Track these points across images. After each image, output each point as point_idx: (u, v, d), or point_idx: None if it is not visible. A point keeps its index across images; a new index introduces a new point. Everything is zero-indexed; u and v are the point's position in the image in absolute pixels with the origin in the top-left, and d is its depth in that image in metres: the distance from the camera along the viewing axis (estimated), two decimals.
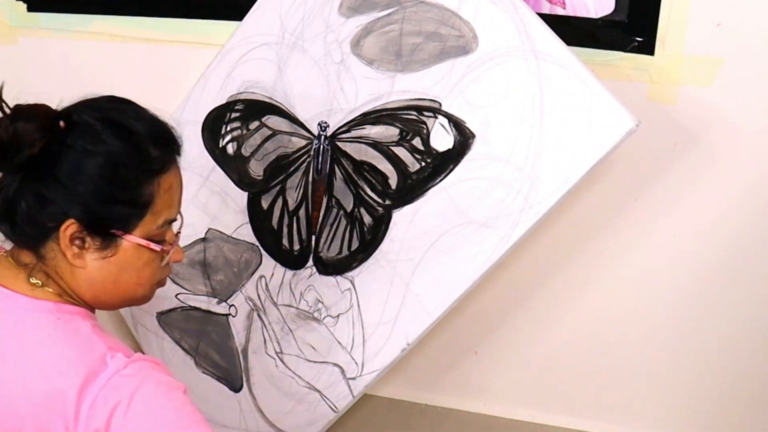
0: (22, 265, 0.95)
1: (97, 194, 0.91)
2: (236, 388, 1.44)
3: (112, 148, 0.91)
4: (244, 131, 1.43)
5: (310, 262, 1.37)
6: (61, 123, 0.92)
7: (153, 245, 0.95)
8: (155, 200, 0.94)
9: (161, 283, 1.03)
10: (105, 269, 0.94)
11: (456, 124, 1.24)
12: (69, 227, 0.90)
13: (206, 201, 1.47)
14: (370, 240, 1.31)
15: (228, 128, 1.45)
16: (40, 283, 0.94)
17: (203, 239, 1.48)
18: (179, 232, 1.01)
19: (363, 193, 1.32)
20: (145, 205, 0.93)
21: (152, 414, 0.87)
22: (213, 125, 1.46)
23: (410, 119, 1.27)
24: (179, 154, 0.98)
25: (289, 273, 1.39)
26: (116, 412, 0.85)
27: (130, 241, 0.93)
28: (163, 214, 0.95)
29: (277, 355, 1.39)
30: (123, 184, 0.92)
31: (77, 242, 0.92)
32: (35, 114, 0.91)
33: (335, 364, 1.32)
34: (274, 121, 1.39)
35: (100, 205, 0.91)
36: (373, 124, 1.31)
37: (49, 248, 0.93)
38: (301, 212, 1.38)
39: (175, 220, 0.98)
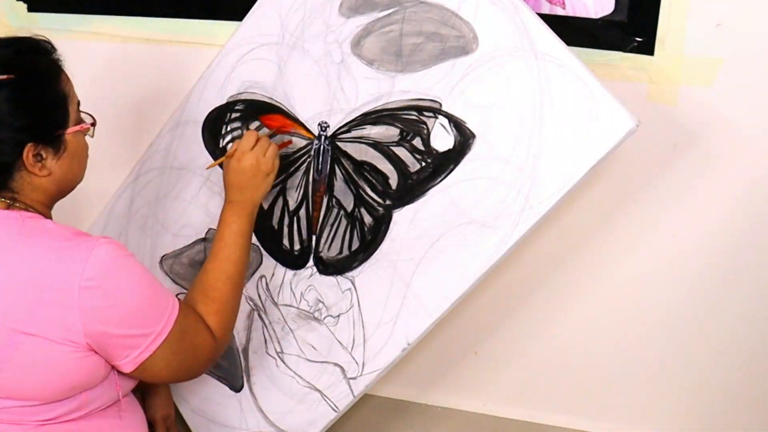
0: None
1: (35, 116, 1.08)
2: (237, 388, 1.44)
3: (25, 76, 1.08)
4: (245, 131, 1.43)
5: (311, 262, 1.37)
6: None
7: (84, 125, 1.16)
8: (67, 92, 1.13)
9: None
10: (64, 164, 1.12)
11: (456, 124, 1.24)
12: (29, 152, 1.07)
13: (206, 201, 1.47)
14: (370, 240, 1.31)
15: (228, 128, 1.45)
16: (8, 205, 1.10)
17: (203, 239, 1.48)
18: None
19: (363, 193, 1.32)
20: (65, 100, 1.12)
21: (125, 276, 1.06)
22: (213, 125, 1.46)
23: (411, 119, 1.27)
24: (57, 53, 1.15)
25: (290, 273, 1.39)
26: (93, 287, 1.03)
27: (70, 132, 1.13)
28: (74, 99, 1.15)
29: (278, 355, 1.39)
30: (46, 95, 1.10)
31: (37, 158, 1.09)
32: None
33: (336, 364, 1.32)
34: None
35: (41, 122, 1.09)
36: (374, 124, 1.31)
37: (13, 177, 1.09)
38: (302, 212, 1.38)
39: (79, 102, 1.17)
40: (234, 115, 1.44)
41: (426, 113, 1.26)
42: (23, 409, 1.06)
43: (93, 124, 1.19)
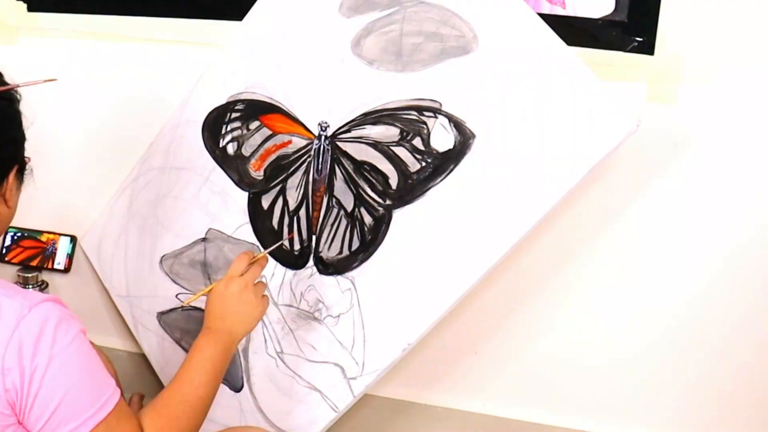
0: None
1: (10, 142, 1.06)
2: (237, 388, 1.44)
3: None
4: (245, 131, 1.43)
5: (311, 262, 1.37)
6: None
7: (27, 158, 1.10)
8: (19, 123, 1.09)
9: None
10: (13, 200, 1.09)
11: (456, 124, 1.24)
12: (12, 174, 1.05)
13: (206, 201, 1.47)
14: (370, 240, 1.31)
15: (228, 128, 1.45)
16: None
17: (203, 239, 1.48)
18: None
19: (363, 193, 1.32)
20: (21, 130, 1.08)
21: (55, 351, 0.96)
22: (213, 125, 1.46)
23: (410, 119, 1.27)
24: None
25: (290, 273, 1.39)
26: (23, 355, 0.94)
27: (26, 162, 1.09)
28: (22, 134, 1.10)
29: (278, 355, 1.39)
30: (14, 123, 1.07)
31: (13, 184, 1.06)
32: None
33: (336, 364, 1.32)
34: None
35: (15, 149, 1.07)
36: (374, 124, 1.31)
37: None
38: (302, 212, 1.38)
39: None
40: (234, 115, 1.44)
41: (426, 113, 1.26)
42: None
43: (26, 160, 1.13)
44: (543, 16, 1.21)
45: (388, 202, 1.30)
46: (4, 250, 1.69)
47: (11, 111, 1.07)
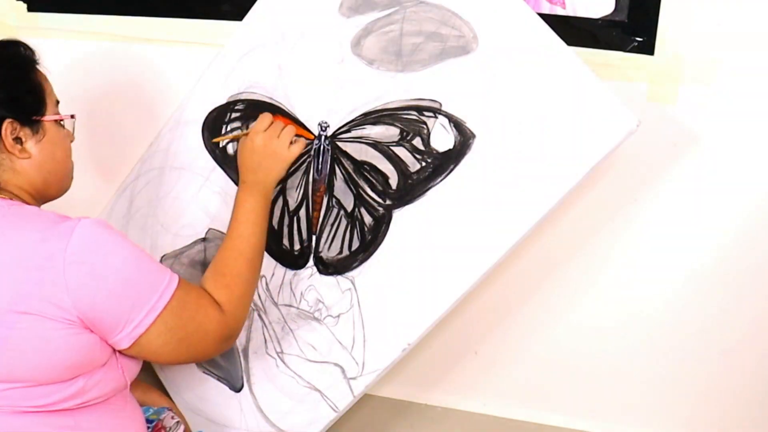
0: None
1: (11, 96, 1.13)
2: (237, 388, 1.44)
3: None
4: (244, 131, 1.43)
5: (311, 262, 1.37)
6: None
7: (65, 118, 1.21)
8: (44, 86, 1.18)
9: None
10: (45, 149, 1.16)
11: (456, 124, 1.24)
12: (7, 127, 1.11)
13: (206, 201, 1.47)
14: (370, 240, 1.31)
15: (228, 128, 1.45)
16: None
17: (203, 239, 1.48)
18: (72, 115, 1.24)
19: (363, 193, 1.32)
20: (41, 90, 1.17)
21: (109, 254, 1.06)
22: (213, 125, 1.46)
23: (410, 119, 1.27)
24: (34, 54, 1.21)
25: (290, 273, 1.39)
26: (78, 263, 1.04)
27: (49, 120, 1.17)
28: (52, 96, 1.20)
29: (278, 355, 1.39)
30: (22, 81, 1.16)
31: (17, 140, 1.13)
32: None
33: (336, 364, 1.32)
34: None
35: (16, 103, 1.13)
36: (374, 124, 1.31)
37: None
38: (302, 212, 1.38)
39: (59, 102, 1.22)
40: (234, 115, 1.44)
41: (426, 113, 1.26)
42: (16, 392, 1.05)
43: (72, 116, 1.23)
44: (543, 16, 1.21)
45: (388, 202, 1.30)
46: None
47: (15, 59, 1.17)
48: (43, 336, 1.04)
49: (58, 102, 1.22)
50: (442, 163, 1.25)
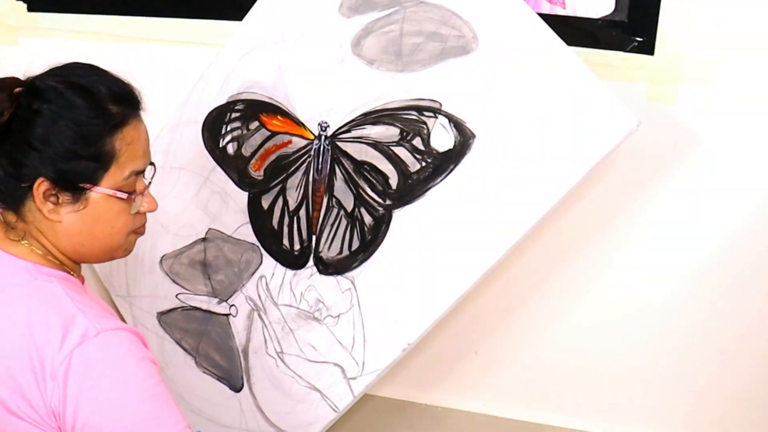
0: (7, 224, 1.03)
1: (64, 153, 0.97)
2: (237, 388, 1.44)
3: (75, 108, 0.98)
4: (245, 131, 1.43)
5: (311, 262, 1.37)
6: (17, 89, 0.98)
7: (120, 194, 1.01)
8: (118, 153, 1.00)
9: (138, 233, 1.09)
10: (80, 221, 1.00)
11: (456, 124, 1.24)
12: (41, 185, 0.97)
13: (206, 201, 1.47)
14: (370, 240, 1.31)
15: (228, 128, 1.45)
16: (21, 239, 1.01)
17: (203, 239, 1.48)
18: (150, 182, 1.07)
19: (363, 193, 1.32)
20: (108, 158, 0.99)
21: (110, 383, 0.92)
22: (213, 125, 1.46)
23: (410, 119, 1.27)
24: (140, 109, 1.04)
25: (290, 273, 1.39)
26: (71, 378, 0.91)
27: (99, 192, 1.00)
28: (128, 165, 1.01)
29: (278, 355, 1.39)
30: (86, 141, 0.98)
31: (51, 199, 0.99)
32: (2, 85, 0.98)
33: (336, 364, 1.32)
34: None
35: (66, 163, 0.97)
36: (374, 124, 1.31)
37: (28, 208, 1.00)
38: (302, 212, 1.38)
39: (142, 171, 1.04)
40: (234, 115, 1.44)
41: (426, 113, 1.26)
42: None
43: (131, 200, 1.03)
44: (543, 16, 1.21)
45: (388, 202, 1.30)
46: None
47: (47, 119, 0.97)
48: None
49: (138, 172, 1.02)
50: (442, 163, 1.25)
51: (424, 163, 1.26)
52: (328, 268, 1.35)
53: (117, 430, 0.93)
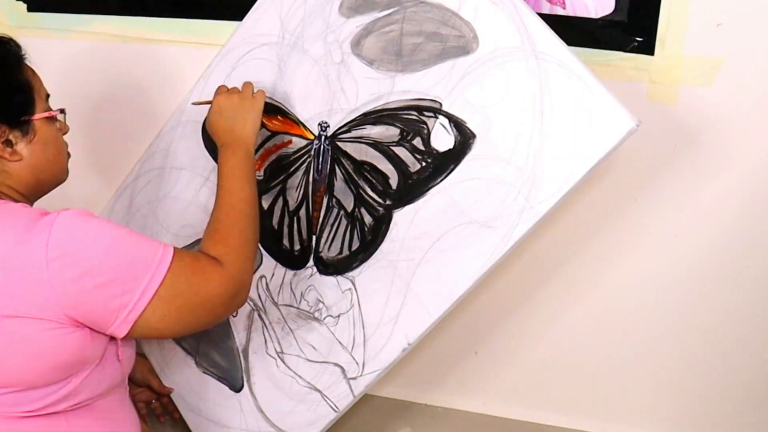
0: None
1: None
2: (237, 388, 1.44)
3: None
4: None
5: (311, 262, 1.37)
6: None
7: (53, 112, 1.17)
8: (31, 82, 1.14)
9: (68, 154, 1.23)
10: (36, 150, 1.14)
11: (456, 124, 1.24)
12: None
13: (206, 201, 1.47)
14: (370, 240, 1.31)
15: None
16: None
17: None
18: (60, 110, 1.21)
19: (363, 193, 1.32)
20: (29, 88, 1.14)
21: (90, 230, 1.04)
22: None
23: (411, 119, 1.27)
24: (21, 50, 1.17)
25: (290, 273, 1.39)
26: (60, 257, 1.01)
27: (38, 118, 1.14)
28: (41, 90, 1.17)
29: (278, 355, 1.39)
30: (7, 81, 1.12)
31: (6, 142, 1.11)
32: None
33: (336, 364, 1.32)
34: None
35: (4, 104, 1.11)
36: (374, 124, 1.31)
37: None
38: (302, 212, 1.38)
39: (49, 95, 1.19)
40: None
41: (426, 113, 1.26)
42: (6, 397, 1.03)
43: (62, 111, 1.20)
44: (543, 16, 1.21)
45: (388, 202, 1.30)
46: None
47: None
48: (30, 338, 1.01)
49: (48, 96, 1.19)
50: (442, 163, 1.25)
51: (424, 163, 1.26)
52: (328, 268, 1.35)
53: (108, 273, 1.03)
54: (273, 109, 1.39)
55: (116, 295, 1.03)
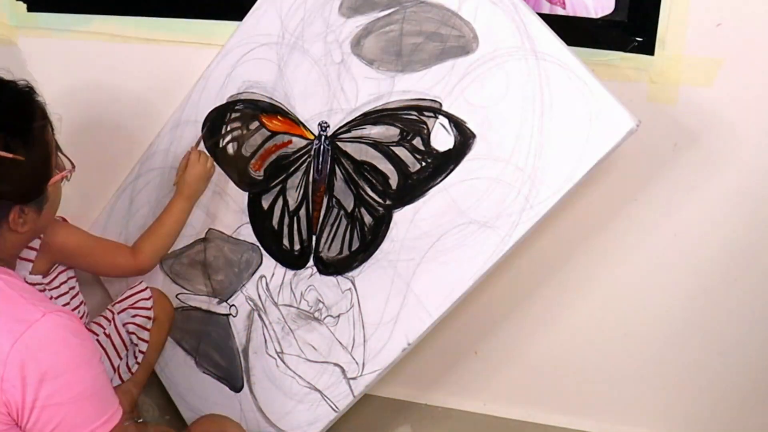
0: None
1: (24, 179, 1.04)
2: (237, 388, 1.44)
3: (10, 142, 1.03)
4: (244, 131, 1.43)
5: (311, 262, 1.37)
6: None
7: (64, 172, 1.13)
8: (50, 141, 1.10)
9: None
10: (45, 215, 1.11)
11: (456, 124, 1.24)
12: (15, 215, 1.04)
13: (206, 201, 1.47)
14: (370, 240, 1.31)
15: (228, 128, 1.45)
16: None
17: (203, 239, 1.48)
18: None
19: (363, 193, 1.32)
20: (49, 151, 1.09)
21: (62, 357, 0.98)
22: (213, 125, 1.46)
23: (411, 119, 1.27)
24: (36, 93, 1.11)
25: (290, 273, 1.39)
26: (27, 365, 0.95)
27: (52, 183, 1.10)
28: (54, 144, 1.12)
29: (278, 355, 1.39)
30: (34, 155, 1.05)
31: (20, 216, 1.06)
32: None
33: (336, 364, 1.32)
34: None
35: (29, 184, 1.06)
36: (374, 124, 1.31)
37: None
38: (302, 212, 1.38)
39: (58, 147, 1.14)
40: (234, 115, 1.44)
41: (426, 113, 1.26)
42: None
43: (70, 172, 1.15)
44: (543, 16, 1.21)
45: (388, 202, 1.30)
46: None
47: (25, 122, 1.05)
48: None
49: (58, 148, 1.13)
50: (442, 163, 1.25)
51: (424, 163, 1.26)
52: (328, 268, 1.35)
53: (70, 395, 0.97)
54: (273, 109, 1.39)
55: (54, 427, 0.98)
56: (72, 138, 1.21)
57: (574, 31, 1.30)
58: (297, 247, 1.39)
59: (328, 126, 1.35)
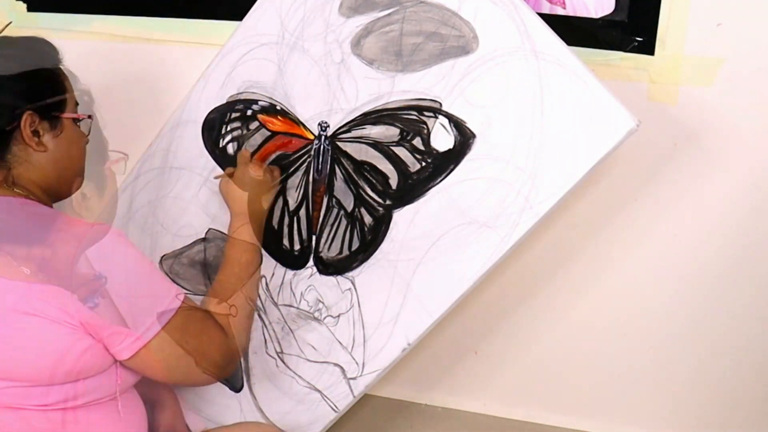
0: None
1: (34, 87, 1.14)
2: (237, 388, 1.44)
3: (27, 52, 1.18)
4: (244, 131, 1.43)
5: (311, 262, 1.37)
6: None
7: (81, 114, 1.22)
8: (65, 84, 1.19)
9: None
10: (61, 146, 1.17)
11: (456, 124, 1.24)
12: (26, 118, 1.12)
13: (206, 201, 1.47)
14: (370, 240, 1.31)
15: (228, 128, 1.45)
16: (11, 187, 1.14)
17: (203, 239, 1.47)
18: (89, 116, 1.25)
19: (363, 193, 1.32)
20: (63, 88, 1.18)
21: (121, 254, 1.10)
22: (213, 125, 1.46)
23: (411, 119, 1.27)
24: (58, 53, 1.22)
25: (290, 273, 1.39)
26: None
27: (68, 117, 1.18)
28: (72, 95, 1.21)
29: (278, 355, 1.39)
30: (48, 75, 1.18)
31: (34, 132, 1.13)
32: None
33: (336, 364, 1.32)
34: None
35: (42, 93, 1.15)
36: (374, 124, 1.31)
37: (14, 153, 1.13)
38: (302, 212, 1.38)
39: (78, 104, 1.23)
40: (234, 115, 1.44)
41: (426, 113, 1.26)
42: (19, 390, 1.06)
43: (89, 117, 1.24)
44: (543, 16, 1.21)
45: (388, 202, 1.30)
46: None
47: (41, 55, 1.18)
48: (46, 338, 1.04)
49: (77, 104, 1.22)
50: (442, 163, 1.25)
51: (424, 163, 1.26)
52: (328, 268, 1.35)
53: (126, 298, 1.08)
54: (273, 109, 1.39)
55: (128, 320, 1.08)
56: None
57: (574, 31, 1.31)
58: (297, 247, 1.39)
59: (328, 126, 1.35)
